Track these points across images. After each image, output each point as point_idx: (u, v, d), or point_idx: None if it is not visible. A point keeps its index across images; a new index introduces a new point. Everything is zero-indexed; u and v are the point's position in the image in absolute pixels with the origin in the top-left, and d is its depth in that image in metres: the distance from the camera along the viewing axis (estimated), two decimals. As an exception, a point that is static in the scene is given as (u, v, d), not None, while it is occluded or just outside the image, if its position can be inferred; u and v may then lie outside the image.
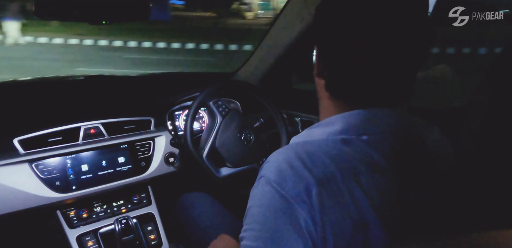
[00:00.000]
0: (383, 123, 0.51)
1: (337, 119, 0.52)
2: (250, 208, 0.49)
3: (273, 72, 1.39)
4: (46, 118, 1.03)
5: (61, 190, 0.97)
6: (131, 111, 1.16)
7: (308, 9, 1.14)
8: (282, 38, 1.26)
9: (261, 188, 0.49)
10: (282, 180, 0.46)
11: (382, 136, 0.50)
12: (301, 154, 0.48)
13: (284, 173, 0.47)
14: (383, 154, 0.49)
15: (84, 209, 1.05)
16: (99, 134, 1.07)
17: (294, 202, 0.45)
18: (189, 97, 1.28)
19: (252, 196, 0.50)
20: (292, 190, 0.45)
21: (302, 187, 0.45)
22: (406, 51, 0.48)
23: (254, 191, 0.50)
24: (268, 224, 0.46)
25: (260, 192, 0.48)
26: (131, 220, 1.04)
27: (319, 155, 0.48)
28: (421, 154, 0.53)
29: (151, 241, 1.10)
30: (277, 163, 0.49)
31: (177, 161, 1.17)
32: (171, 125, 1.27)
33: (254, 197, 0.49)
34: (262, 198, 0.48)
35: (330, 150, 0.48)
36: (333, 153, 0.48)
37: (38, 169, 0.95)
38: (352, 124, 0.50)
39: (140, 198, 1.15)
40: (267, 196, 0.47)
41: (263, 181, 0.49)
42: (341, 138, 0.50)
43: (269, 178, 0.48)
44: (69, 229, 1.02)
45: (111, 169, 1.06)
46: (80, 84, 1.29)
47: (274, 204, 0.46)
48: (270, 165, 0.50)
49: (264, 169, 0.50)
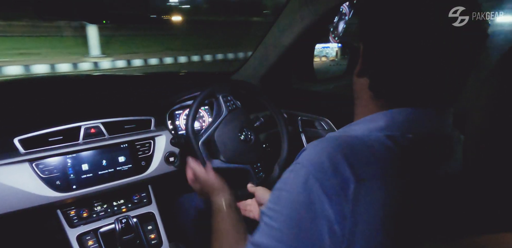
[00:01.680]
0: (428, 123, 0.49)
1: (380, 116, 0.50)
2: (280, 191, 0.49)
3: (273, 72, 1.39)
4: (46, 118, 1.03)
5: (61, 189, 0.98)
6: (132, 110, 1.16)
7: (308, 9, 1.14)
8: (282, 38, 1.26)
9: (295, 175, 0.47)
10: (319, 172, 0.45)
11: (426, 136, 0.49)
12: (343, 147, 0.46)
13: (323, 165, 0.45)
14: (426, 155, 0.48)
15: (85, 209, 1.05)
16: (99, 133, 1.07)
17: (326, 196, 0.44)
18: (190, 96, 1.28)
19: (284, 179, 0.49)
20: (328, 183, 0.44)
21: (339, 182, 0.44)
22: (458, 53, 0.47)
23: (287, 175, 0.49)
24: (293, 212, 0.45)
25: (294, 179, 0.47)
26: (131, 219, 1.04)
27: (361, 149, 0.46)
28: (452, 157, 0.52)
29: (151, 241, 1.10)
30: (316, 153, 0.47)
31: (177, 160, 1.18)
32: (171, 125, 1.27)
33: (287, 182, 0.48)
34: (294, 186, 0.47)
35: (373, 145, 0.46)
36: (376, 148, 0.46)
37: (38, 168, 0.95)
38: (397, 121, 0.49)
39: (141, 197, 1.15)
40: (300, 186, 0.46)
41: (300, 168, 0.47)
42: (385, 134, 0.48)
43: (306, 167, 0.46)
44: (70, 229, 1.02)
45: (111, 168, 1.07)
46: (80, 83, 1.29)
47: (304, 195, 0.45)
48: (310, 153, 0.48)
49: (302, 156, 0.49)
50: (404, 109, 0.49)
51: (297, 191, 0.46)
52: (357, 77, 0.55)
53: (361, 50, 0.53)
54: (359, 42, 0.53)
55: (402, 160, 0.46)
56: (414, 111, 0.49)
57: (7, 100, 1.08)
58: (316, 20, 1.16)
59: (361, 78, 0.54)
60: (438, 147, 0.50)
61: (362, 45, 0.52)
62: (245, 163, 1.16)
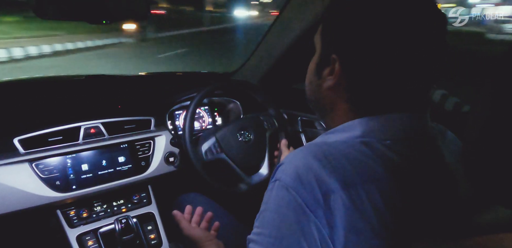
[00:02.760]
0: (404, 128, 0.50)
1: (355, 124, 0.51)
2: (264, 212, 0.48)
3: (273, 72, 1.39)
4: (46, 118, 1.03)
5: (61, 189, 0.97)
6: (131, 110, 1.16)
7: (308, 9, 1.14)
8: (282, 38, 1.25)
9: (275, 192, 0.47)
10: (299, 185, 0.45)
11: (403, 141, 0.49)
12: (320, 156, 0.46)
13: (302, 177, 0.45)
14: (403, 158, 0.48)
15: (84, 209, 1.05)
16: (99, 133, 1.07)
17: (310, 210, 0.43)
18: (189, 96, 1.28)
19: (266, 200, 0.49)
20: (310, 196, 0.44)
21: (320, 193, 0.44)
22: (428, 61, 0.49)
23: (268, 194, 0.48)
24: (280, 231, 0.45)
25: (275, 197, 0.47)
26: (131, 219, 1.03)
27: (338, 157, 0.46)
28: (437, 159, 0.52)
29: (151, 241, 1.10)
30: (294, 166, 0.47)
31: (177, 160, 1.17)
32: (171, 125, 1.27)
33: (269, 201, 0.48)
34: (276, 204, 0.46)
35: (350, 152, 0.47)
36: (353, 155, 0.46)
37: (38, 168, 0.95)
38: (373, 128, 0.49)
39: (140, 197, 1.15)
40: (282, 202, 0.45)
41: (279, 185, 0.47)
42: (361, 141, 0.48)
43: (285, 182, 0.46)
44: (69, 229, 1.02)
45: (111, 168, 1.06)
46: (80, 83, 1.29)
47: (289, 212, 0.44)
48: (286, 168, 0.48)
49: (280, 172, 0.48)
50: (380, 116, 0.50)
51: (281, 211, 0.45)
52: (330, 90, 0.54)
53: (336, 65, 0.51)
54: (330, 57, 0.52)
55: (380, 165, 0.46)
56: (390, 117, 0.50)
57: (7, 100, 1.08)
58: (316, 20, 1.16)
59: (333, 91, 0.54)
60: (417, 149, 0.50)
61: (338, 60, 0.51)
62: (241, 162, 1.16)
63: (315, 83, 0.57)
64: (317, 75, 0.56)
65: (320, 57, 0.56)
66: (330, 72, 0.53)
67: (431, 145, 0.52)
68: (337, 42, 0.52)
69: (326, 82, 0.54)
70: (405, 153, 0.48)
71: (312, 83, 0.59)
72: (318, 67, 0.56)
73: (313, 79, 0.58)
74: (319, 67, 0.56)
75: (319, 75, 0.56)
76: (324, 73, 0.54)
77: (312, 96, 0.60)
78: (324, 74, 0.54)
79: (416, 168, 0.48)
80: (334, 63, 0.52)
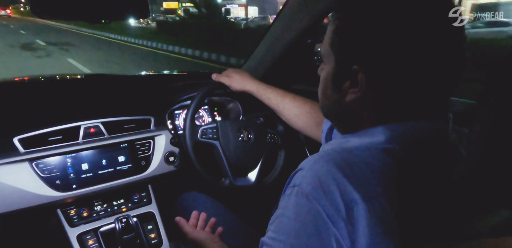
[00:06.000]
0: (427, 135, 0.49)
1: (379, 130, 0.49)
2: (281, 217, 0.46)
3: (273, 71, 1.39)
4: (46, 117, 1.03)
5: (61, 189, 0.98)
6: (131, 110, 1.16)
7: (308, 9, 1.13)
8: (282, 38, 1.25)
9: (295, 199, 0.45)
10: (321, 194, 0.43)
11: (426, 147, 0.49)
12: (342, 165, 0.44)
13: (323, 186, 0.43)
14: (426, 166, 0.47)
15: (85, 208, 1.05)
16: (99, 133, 1.07)
17: (331, 220, 0.42)
18: (189, 96, 1.27)
19: (284, 205, 0.47)
20: (331, 206, 0.42)
21: (342, 204, 0.42)
22: (451, 66, 0.48)
23: (286, 200, 0.47)
24: (297, 240, 0.43)
25: (294, 203, 0.45)
26: (131, 219, 1.04)
27: (360, 167, 0.44)
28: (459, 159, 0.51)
29: (151, 240, 1.10)
30: (314, 174, 0.45)
31: (177, 160, 1.17)
32: (171, 124, 1.27)
33: (287, 207, 0.46)
34: (295, 211, 0.45)
35: (371, 162, 0.45)
36: (375, 165, 0.45)
37: (38, 168, 0.95)
38: (397, 135, 0.48)
39: (141, 197, 1.15)
40: (302, 210, 0.44)
41: (298, 192, 0.45)
42: (384, 148, 0.47)
43: (305, 189, 0.44)
44: (70, 228, 1.02)
45: (111, 168, 1.07)
46: (80, 83, 1.29)
47: (308, 221, 0.43)
48: (306, 175, 0.46)
49: (299, 178, 0.47)
50: (404, 123, 0.49)
51: (300, 219, 0.44)
52: (353, 103, 0.51)
53: (360, 76, 0.49)
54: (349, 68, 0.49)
55: (403, 175, 0.45)
56: (415, 124, 0.49)
57: (7, 99, 1.08)
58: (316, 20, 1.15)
59: (357, 103, 0.51)
60: (440, 156, 0.49)
61: (361, 71, 0.49)
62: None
63: (333, 99, 0.55)
64: (336, 90, 0.54)
65: (335, 69, 0.53)
66: (351, 85, 0.50)
67: (453, 151, 0.51)
68: (359, 53, 0.49)
69: (349, 95, 0.51)
70: (428, 161, 0.48)
71: (330, 99, 0.56)
72: (335, 80, 0.53)
73: (330, 94, 0.55)
74: (336, 80, 0.53)
75: (338, 89, 0.53)
76: (344, 86, 0.52)
77: (332, 112, 0.58)
78: (345, 87, 0.51)
79: (439, 176, 0.47)
80: (356, 74, 0.49)
